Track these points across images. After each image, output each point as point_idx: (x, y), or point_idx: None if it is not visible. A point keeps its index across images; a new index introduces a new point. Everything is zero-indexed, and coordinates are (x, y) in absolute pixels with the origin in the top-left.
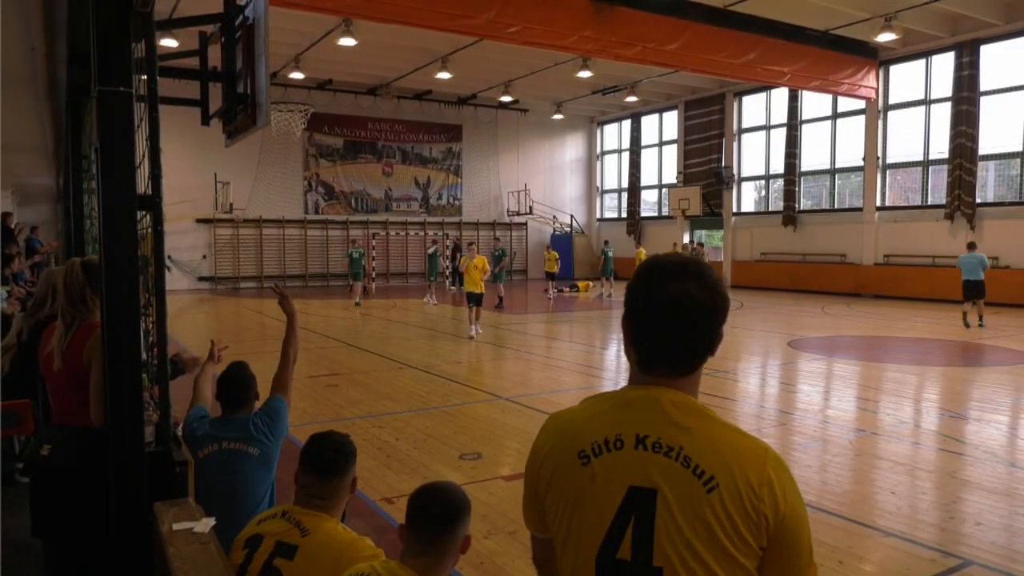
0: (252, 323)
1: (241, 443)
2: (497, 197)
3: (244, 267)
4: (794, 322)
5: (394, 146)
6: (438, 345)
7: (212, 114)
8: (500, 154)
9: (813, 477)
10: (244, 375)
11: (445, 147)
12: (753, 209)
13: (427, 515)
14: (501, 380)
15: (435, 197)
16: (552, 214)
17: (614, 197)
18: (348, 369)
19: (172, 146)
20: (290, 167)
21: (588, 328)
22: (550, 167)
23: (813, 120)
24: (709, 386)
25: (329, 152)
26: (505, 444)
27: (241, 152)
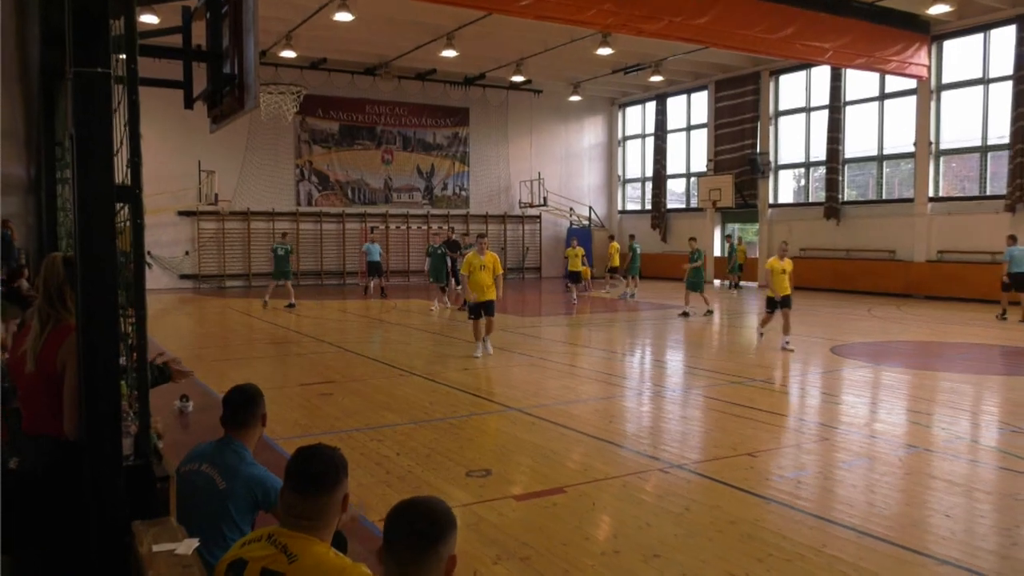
0: (239, 326)
1: (216, 470)
2: (508, 187)
3: (230, 264)
4: (837, 326)
5: (394, 131)
6: (443, 350)
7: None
8: (511, 140)
9: (859, 498)
10: (246, 392)
11: (450, 132)
12: (791, 200)
13: (406, 533)
14: (513, 389)
15: (439, 187)
16: (569, 206)
17: (637, 187)
18: (343, 376)
19: (152, 132)
20: (281, 154)
21: (609, 332)
22: (566, 154)
23: (858, 101)
24: (744, 397)
25: (323, 138)
26: (517, 460)
27: (227, 138)
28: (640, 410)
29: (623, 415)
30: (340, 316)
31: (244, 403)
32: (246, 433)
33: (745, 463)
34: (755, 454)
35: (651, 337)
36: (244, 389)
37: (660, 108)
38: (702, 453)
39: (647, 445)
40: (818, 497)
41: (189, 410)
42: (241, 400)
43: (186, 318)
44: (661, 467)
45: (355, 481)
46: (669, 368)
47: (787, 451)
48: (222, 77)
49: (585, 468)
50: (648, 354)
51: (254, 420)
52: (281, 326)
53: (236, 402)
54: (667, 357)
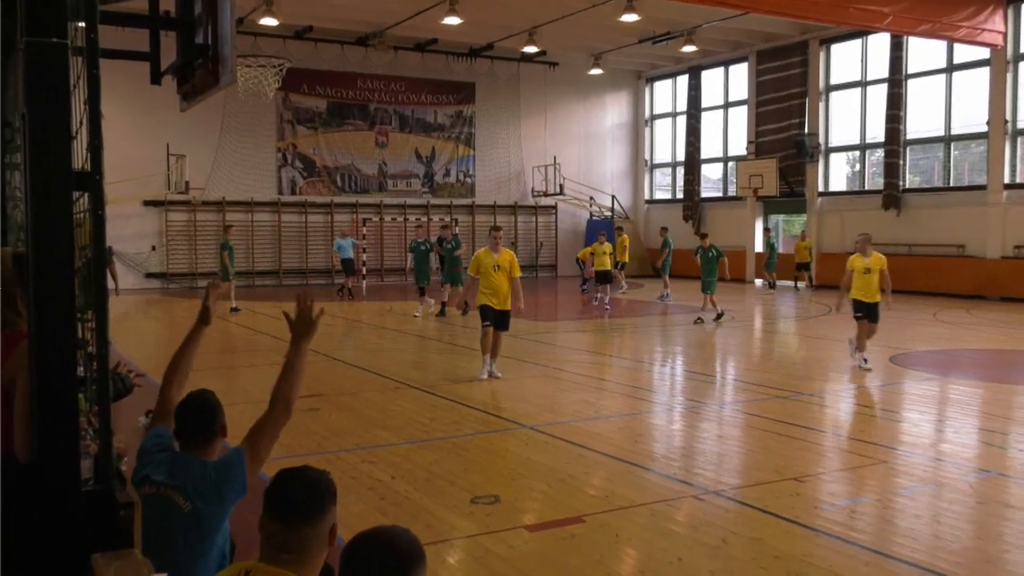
0: (214, 331)
1: (175, 490)
2: (519, 173)
3: (203, 261)
4: (897, 332)
5: (390, 109)
6: (444, 359)
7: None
8: (523, 119)
9: (923, 530)
10: (204, 402)
11: (454, 111)
12: (845, 188)
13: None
14: (524, 404)
15: (441, 173)
16: (588, 195)
17: (667, 173)
18: (331, 389)
19: (115, 111)
20: (260, 137)
21: (635, 338)
22: (586, 135)
23: (922, 74)
24: (789, 413)
25: (309, 117)
26: (529, 485)
27: (200, 118)
28: (670, 428)
29: (651, 434)
30: (328, 320)
31: (204, 416)
32: (206, 448)
33: (791, 489)
34: (802, 479)
35: (682, 344)
36: (199, 399)
37: (693, 83)
38: (742, 477)
39: (678, 468)
40: (876, 529)
41: None
42: (201, 412)
43: (153, 323)
44: (694, 493)
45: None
46: (703, 380)
47: (840, 475)
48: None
49: (607, 494)
50: (679, 364)
51: (212, 431)
52: (261, 332)
53: (196, 414)
54: (701, 367)
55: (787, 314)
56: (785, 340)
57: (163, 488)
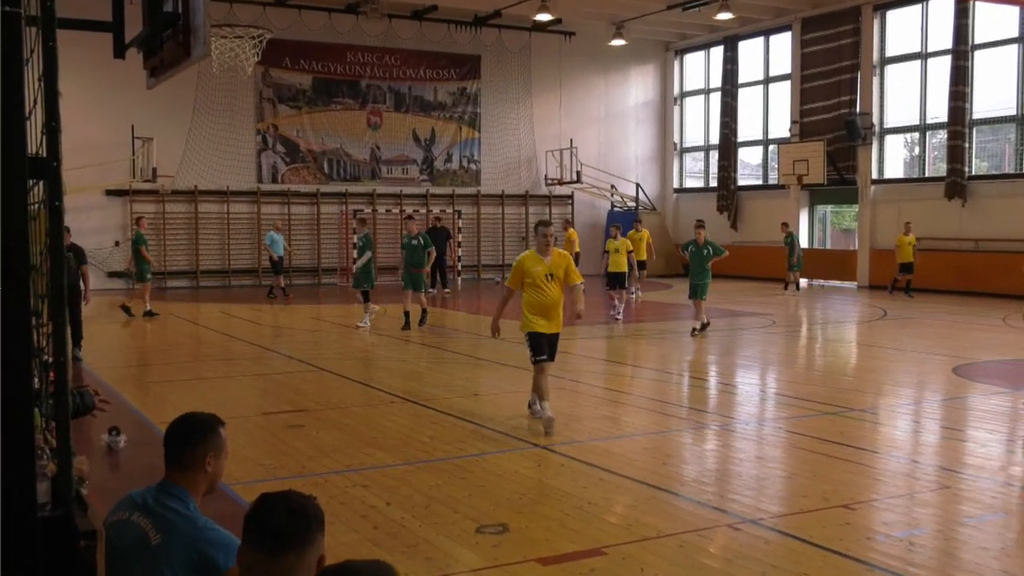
0: (185, 337)
1: (150, 521)
2: (530, 159)
3: (173, 257)
4: (962, 339)
5: (384, 86)
6: (446, 369)
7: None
8: (535, 97)
9: (991, 564)
10: (191, 423)
11: (456, 87)
12: (902, 175)
13: None
14: (535, 420)
15: (442, 158)
16: (609, 182)
17: (698, 158)
18: (318, 403)
19: (75, 88)
20: (238, 117)
21: (662, 345)
22: (607, 116)
23: (991, 45)
24: (838, 432)
25: (292, 95)
26: (542, 512)
27: (169, 97)
28: (702, 448)
29: (680, 454)
30: (313, 325)
31: (185, 437)
32: (189, 476)
33: (840, 517)
34: (853, 506)
35: (717, 353)
36: (190, 420)
37: (729, 55)
38: (784, 504)
39: (712, 494)
40: (937, 563)
41: (121, 446)
42: (182, 433)
43: (117, 328)
44: (730, 522)
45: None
46: (740, 393)
47: (895, 502)
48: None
49: (631, 523)
50: (713, 375)
51: (197, 459)
52: (237, 338)
53: (178, 436)
54: (737, 379)
55: (836, 318)
56: (834, 348)
57: (137, 514)
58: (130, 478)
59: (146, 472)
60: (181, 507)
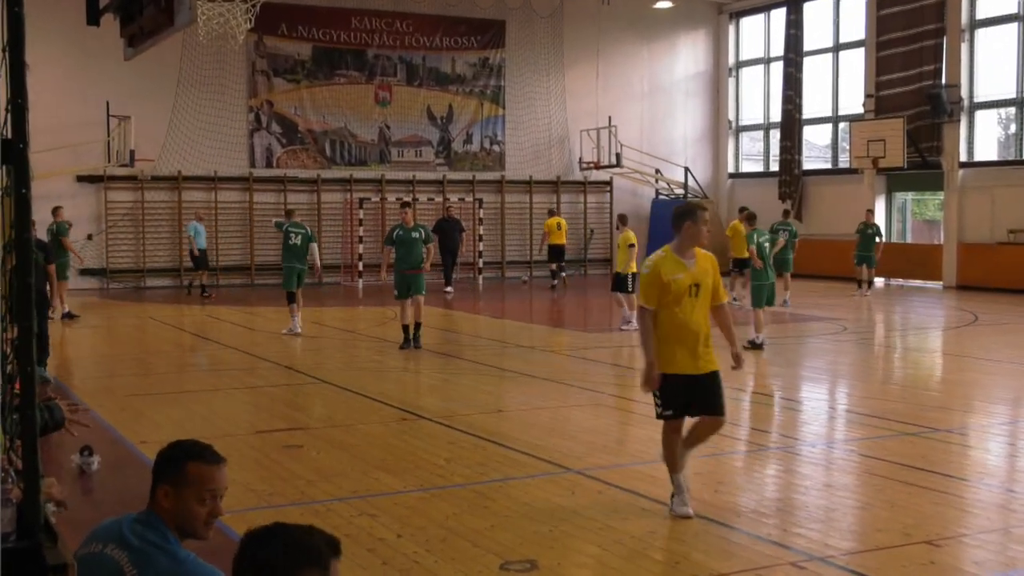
0: (167, 344)
1: (125, 554)
2: (562, 139)
3: (153, 253)
4: None
5: (394, 56)
6: (466, 382)
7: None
8: (567, 69)
9: None
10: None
11: (477, 57)
12: (996, 157)
13: None
14: (570, 441)
15: (461, 139)
16: (654, 166)
17: (757, 138)
18: (319, 420)
19: (43, 60)
20: (228, 93)
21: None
22: (650, 90)
23: None
24: (920, 455)
25: (289, 67)
26: (576, 547)
27: (149, 70)
28: (762, 474)
29: (736, 481)
30: (314, 330)
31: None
32: (153, 500)
33: (923, 555)
34: (938, 542)
35: (779, 364)
36: (181, 447)
37: (792, 19)
38: (857, 540)
39: (772, 527)
40: None
41: (94, 468)
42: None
43: (90, 333)
44: (794, 560)
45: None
46: (805, 411)
47: (987, 538)
48: None
49: (679, 560)
50: (774, 390)
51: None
52: (228, 346)
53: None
54: (802, 394)
55: (917, 323)
56: (915, 358)
57: (111, 546)
58: (104, 505)
59: (122, 498)
60: (161, 540)
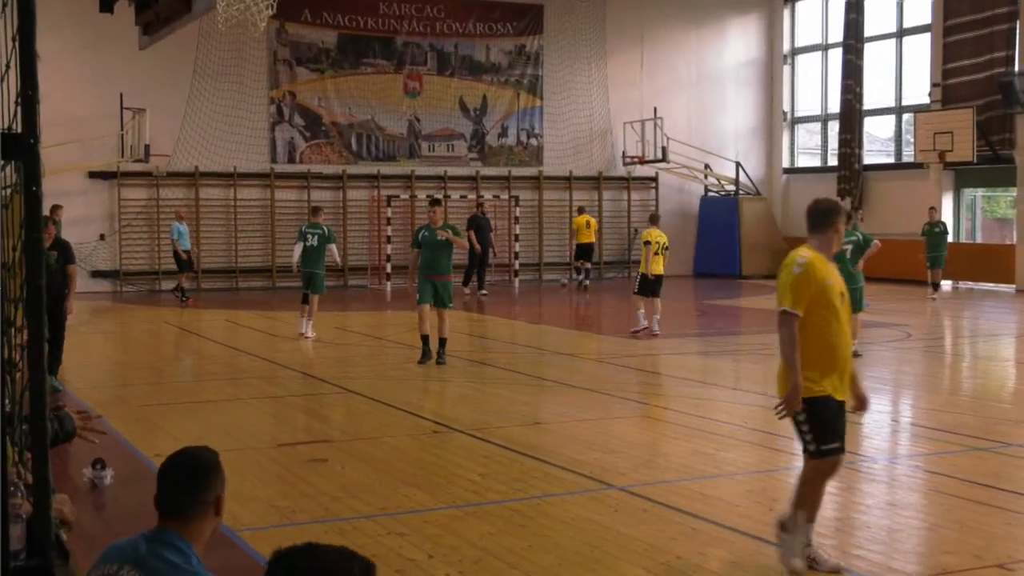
0: (183, 351)
1: (142, 575)
2: (605, 132)
3: (168, 254)
4: None
5: (424, 44)
6: (501, 392)
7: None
8: (610, 56)
9: None
10: (192, 460)
11: (513, 45)
12: None
13: None
14: (613, 456)
15: (496, 132)
16: (703, 161)
17: (814, 130)
18: (344, 432)
19: (54, 50)
20: (248, 84)
21: (769, 364)
22: (699, 78)
23: None
24: (993, 472)
25: (313, 56)
26: (621, 569)
27: (165, 61)
28: None
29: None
30: (339, 336)
31: (190, 479)
32: (191, 525)
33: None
34: (1010, 566)
35: None
36: (190, 457)
37: (853, 2)
38: (923, 562)
39: (831, 548)
40: None
41: (107, 483)
42: (185, 474)
43: (101, 339)
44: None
45: None
46: (867, 424)
47: None
48: None
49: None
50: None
51: (203, 506)
52: (246, 352)
53: (177, 477)
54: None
55: (989, 330)
56: (986, 368)
57: (128, 567)
58: (118, 522)
59: (136, 514)
60: (181, 561)
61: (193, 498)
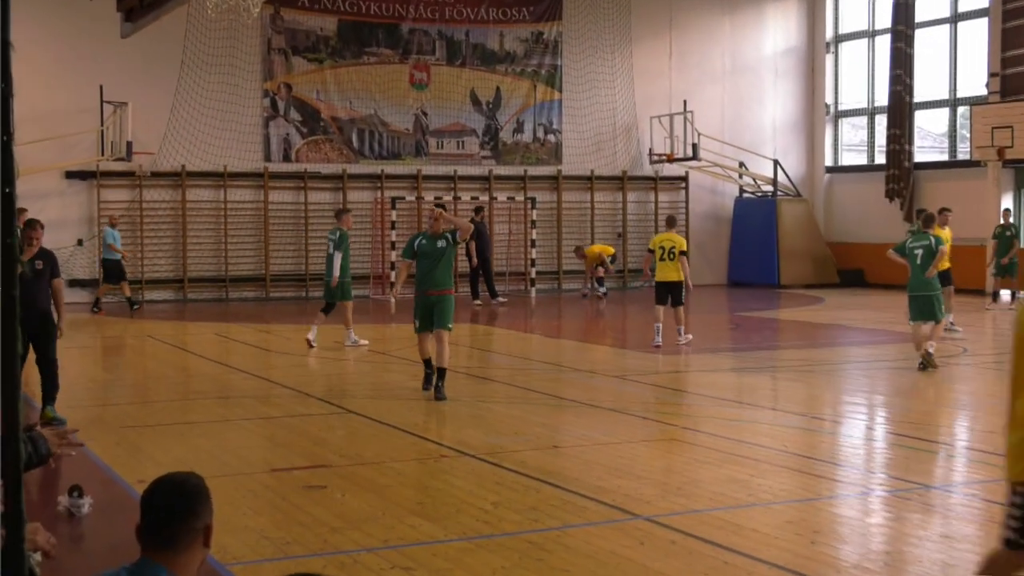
0: (168, 369)
1: None
2: (630, 128)
3: (152, 261)
4: None
5: (432, 31)
6: (516, 412)
7: None
8: (635, 44)
9: None
10: (179, 488)
11: (530, 32)
12: None
13: None
14: (637, 482)
15: (510, 128)
16: (737, 159)
17: (860, 125)
18: (344, 456)
19: (27, 40)
20: (240, 75)
21: (812, 381)
22: (733, 69)
23: None
24: None
25: (311, 45)
26: None
27: (149, 50)
28: (866, 522)
29: (835, 530)
30: (338, 351)
31: (175, 508)
32: (177, 557)
33: None
34: None
35: (885, 392)
36: (175, 484)
37: None
38: None
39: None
40: None
41: (84, 512)
42: (170, 503)
43: (78, 354)
44: None
45: None
46: (918, 448)
47: None
48: None
49: None
50: (879, 422)
51: (190, 536)
52: (237, 369)
53: (161, 505)
54: (913, 429)
55: None
56: None
57: None
58: (96, 554)
59: (117, 546)
60: None
61: (179, 528)
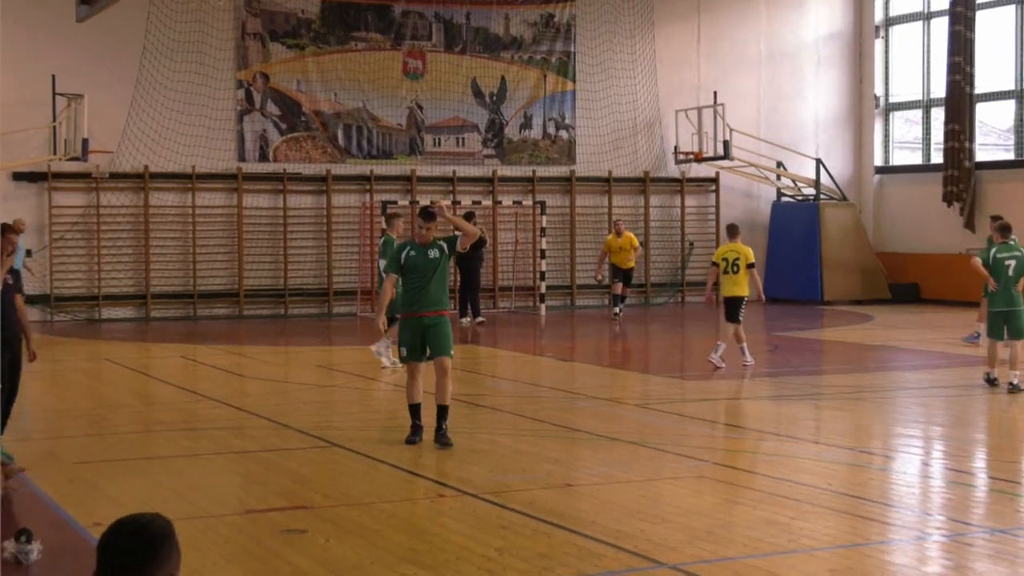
0: (128, 397)
1: None
2: (652, 123)
3: (110, 275)
4: None
5: (428, 13)
6: (524, 446)
7: None
8: (659, 29)
9: None
10: (145, 532)
11: (539, 15)
12: None
13: None
14: (664, 526)
15: (517, 123)
16: (775, 158)
17: (914, 119)
18: (328, 496)
19: None
20: (210, 64)
21: (862, 410)
22: (769, 57)
23: None
24: None
25: (291, 29)
26: None
27: (108, 36)
28: (921, 571)
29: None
30: (319, 377)
31: (136, 554)
32: None
33: None
34: None
35: (944, 424)
36: (137, 527)
37: None
38: None
39: None
40: None
41: (33, 558)
42: (131, 548)
43: (27, 379)
44: None
45: None
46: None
47: None
48: None
49: None
50: (935, 458)
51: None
52: (207, 397)
53: (121, 551)
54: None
55: None
56: None
57: None
58: None
59: None
60: None
61: (144, 573)
